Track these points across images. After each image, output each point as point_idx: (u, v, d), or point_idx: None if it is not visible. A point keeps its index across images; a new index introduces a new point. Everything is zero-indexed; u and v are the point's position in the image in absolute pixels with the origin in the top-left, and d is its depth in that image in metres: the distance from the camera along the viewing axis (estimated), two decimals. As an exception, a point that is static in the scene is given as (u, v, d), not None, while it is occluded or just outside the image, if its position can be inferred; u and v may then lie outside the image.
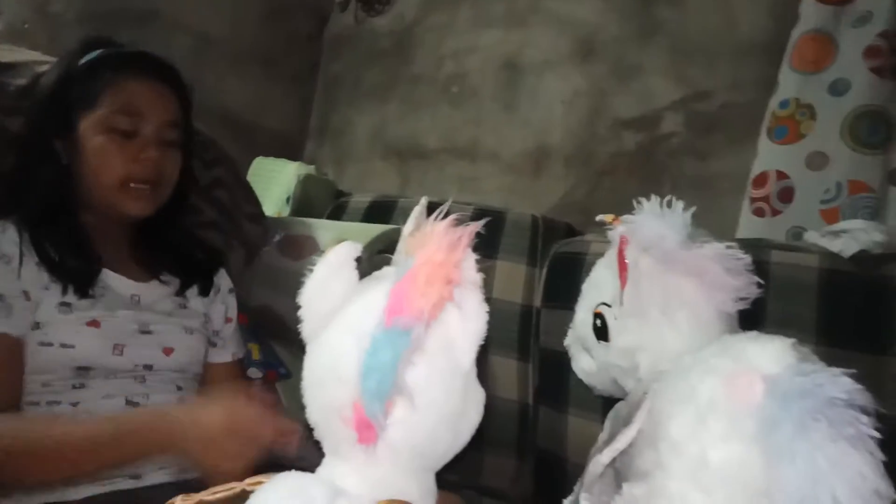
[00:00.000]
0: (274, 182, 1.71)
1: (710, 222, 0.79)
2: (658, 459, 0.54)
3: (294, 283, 0.52)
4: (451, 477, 1.18)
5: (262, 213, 1.41)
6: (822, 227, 1.01)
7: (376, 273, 0.53)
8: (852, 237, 0.95)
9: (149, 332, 0.89)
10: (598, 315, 0.79)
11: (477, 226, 0.48)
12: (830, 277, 0.95)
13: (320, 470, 0.48)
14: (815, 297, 0.96)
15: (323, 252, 0.52)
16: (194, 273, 0.99)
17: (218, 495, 0.43)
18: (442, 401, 0.47)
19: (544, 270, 1.31)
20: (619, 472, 0.59)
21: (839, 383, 0.48)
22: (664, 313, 0.68)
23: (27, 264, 0.83)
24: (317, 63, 2.22)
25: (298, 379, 0.50)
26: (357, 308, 0.48)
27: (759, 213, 1.32)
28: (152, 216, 0.92)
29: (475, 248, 0.48)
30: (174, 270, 0.97)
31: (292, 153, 2.06)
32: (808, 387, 0.49)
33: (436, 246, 0.46)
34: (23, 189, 0.89)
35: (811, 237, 1.00)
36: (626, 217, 0.75)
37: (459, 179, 1.87)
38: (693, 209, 0.74)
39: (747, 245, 1.15)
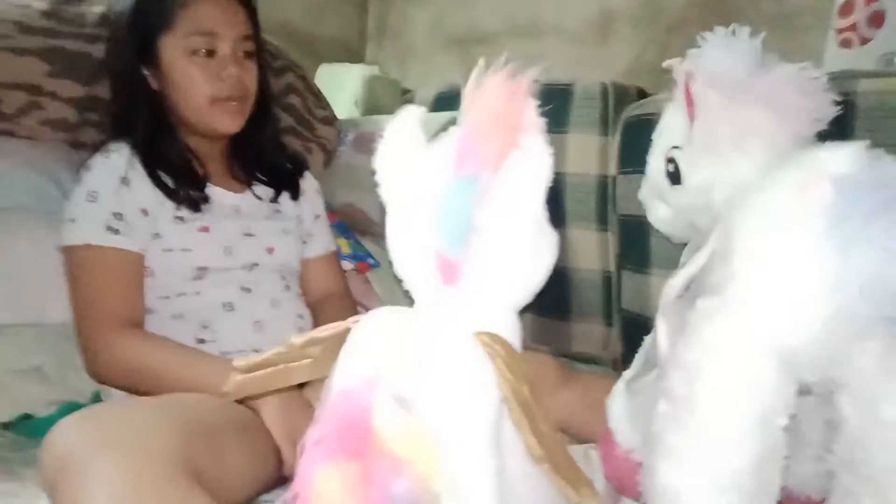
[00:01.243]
0: (340, 87, 1.74)
1: (794, 61, 0.76)
2: (730, 271, 0.56)
3: (372, 179, 0.55)
4: (543, 348, 1.24)
5: (333, 115, 1.45)
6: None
7: (443, 133, 0.55)
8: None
9: (252, 235, 0.98)
10: (669, 160, 0.79)
11: (534, 71, 0.49)
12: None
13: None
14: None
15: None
16: (283, 179, 1.06)
17: (327, 332, 0.48)
18: (515, 240, 0.50)
19: (617, 137, 1.29)
20: (695, 295, 0.61)
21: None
22: (736, 145, 0.67)
23: (143, 184, 0.91)
24: (368, -38, 2.18)
25: (388, 269, 0.55)
26: (427, 163, 0.51)
27: (846, 43, 1.23)
28: (241, 130, 0.97)
29: (545, 126, 0.50)
30: (266, 179, 1.04)
31: (354, 57, 2.06)
32: (878, 181, 0.49)
33: (495, 95, 0.48)
34: (125, 116, 0.95)
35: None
36: (690, 52, 0.73)
37: (524, 59, 1.82)
38: (761, 35, 0.71)
39: (832, 77, 1.09)
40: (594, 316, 1.39)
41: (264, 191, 1.04)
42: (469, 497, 0.41)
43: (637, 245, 1.23)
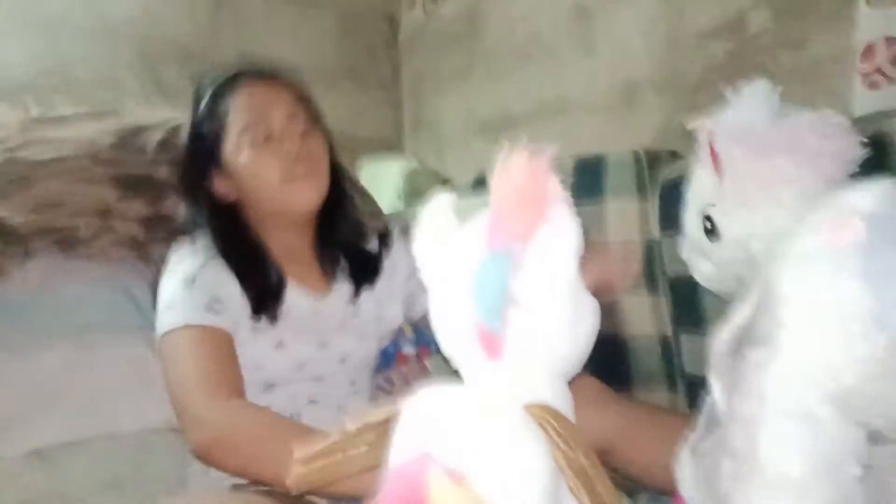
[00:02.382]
0: (382, 182, 1.82)
1: (820, 108, 0.77)
2: (775, 320, 0.56)
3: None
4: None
5: (380, 210, 1.51)
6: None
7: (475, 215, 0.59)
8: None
9: (326, 347, 0.97)
10: (706, 217, 0.80)
11: (552, 149, 0.52)
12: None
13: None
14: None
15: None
16: (367, 268, 1.06)
17: (379, 416, 0.50)
18: (552, 307, 0.52)
19: (656, 200, 1.31)
20: (745, 348, 0.61)
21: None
22: (766, 195, 0.69)
23: (227, 278, 0.92)
24: (398, 64, 2.32)
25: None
26: (461, 243, 0.54)
27: (873, 86, 1.24)
28: (321, 210, 0.97)
29: (581, 196, 0.52)
30: (351, 268, 1.03)
31: (393, 152, 2.16)
32: None
33: (518, 173, 0.51)
34: (202, 235, 0.97)
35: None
36: (711, 111, 0.76)
37: (554, 136, 1.88)
38: (779, 87, 0.73)
39: (864, 119, 1.10)
40: (656, 381, 1.36)
41: (347, 289, 1.03)
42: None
43: (691, 304, 1.22)
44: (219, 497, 0.75)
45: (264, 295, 0.93)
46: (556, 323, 0.53)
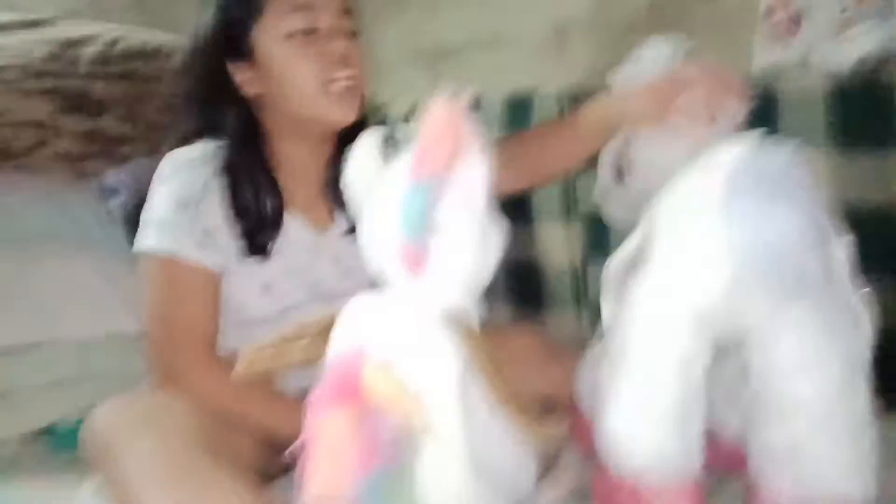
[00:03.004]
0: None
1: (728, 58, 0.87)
2: (653, 246, 0.67)
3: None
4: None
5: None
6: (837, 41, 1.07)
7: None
8: (858, 44, 1.01)
9: (315, 290, 0.89)
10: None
11: (469, 92, 0.60)
12: (836, 89, 1.03)
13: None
14: (823, 112, 1.04)
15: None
16: None
17: (318, 318, 0.59)
18: (466, 231, 0.61)
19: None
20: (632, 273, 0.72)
21: (778, 159, 0.60)
22: (665, 128, 0.80)
23: (218, 206, 0.84)
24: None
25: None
26: (389, 177, 0.63)
27: (775, 39, 1.36)
28: (344, 133, 0.85)
29: (511, 132, 0.58)
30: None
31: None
32: (760, 168, 0.62)
33: (437, 117, 0.59)
34: (210, 129, 0.86)
35: (822, 52, 1.07)
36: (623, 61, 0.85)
37: (487, 70, 1.95)
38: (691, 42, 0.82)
39: (757, 76, 1.22)
40: (566, 308, 1.50)
41: (345, 223, 0.91)
42: (444, 432, 0.52)
43: (601, 238, 1.35)
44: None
45: (260, 226, 0.84)
46: (469, 244, 0.63)
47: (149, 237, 0.82)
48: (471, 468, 0.52)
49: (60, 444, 1.00)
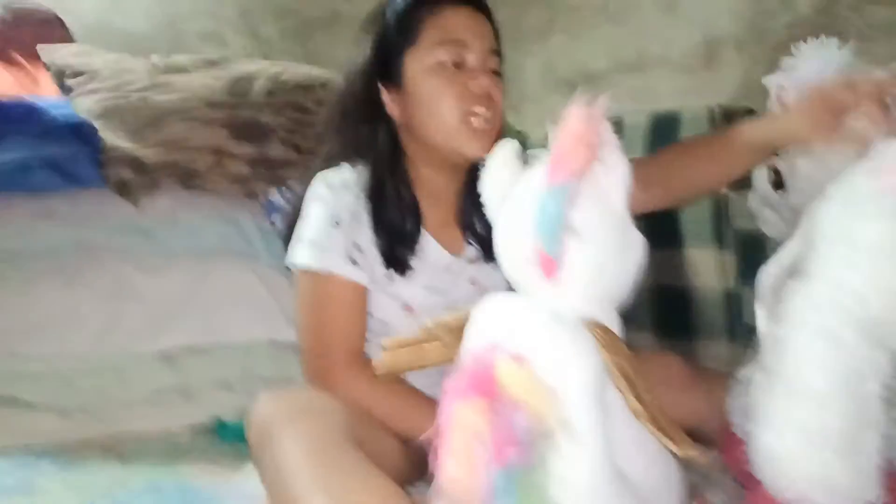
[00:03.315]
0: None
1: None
2: (814, 252, 0.62)
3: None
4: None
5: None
6: None
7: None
8: None
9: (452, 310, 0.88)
10: (771, 169, 0.85)
11: (603, 98, 0.60)
12: None
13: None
14: None
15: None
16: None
17: (454, 316, 0.61)
18: (604, 236, 0.60)
19: (728, 158, 1.34)
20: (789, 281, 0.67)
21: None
22: (830, 146, 0.73)
23: (366, 226, 0.88)
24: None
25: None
26: (525, 182, 0.64)
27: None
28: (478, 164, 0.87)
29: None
30: (483, 235, 0.94)
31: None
32: None
33: (574, 121, 0.59)
34: (357, 150, 0.91)
35: None
36: (783, 62, 0.80)
37: (633, 93, 1.91)
38: (849, 43, 0.76)
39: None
40: (718, 334, 1.41)
41: (475, 253, 0.95)
42: (578, 430, 0.51)
43: (756, 260, 1.26)
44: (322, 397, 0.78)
45: (400, 240, 0.89)
46: (606, 250, 0.61)
47: (302, 253, 0.87)
48: (606, 470, 0.51)
49: (227, 436, 1.11)
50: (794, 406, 0.61)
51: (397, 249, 0.89)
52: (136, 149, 1.20)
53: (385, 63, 0.89)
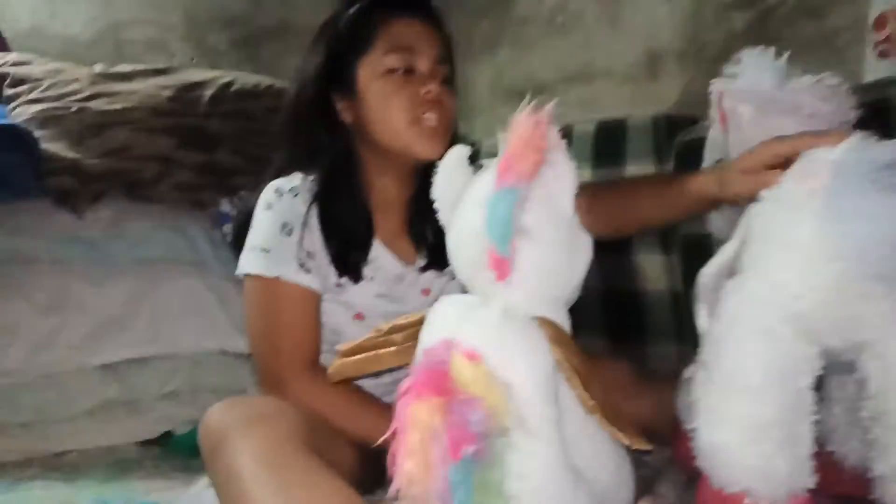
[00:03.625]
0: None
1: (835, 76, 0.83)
2: (749, 253, 0.64)
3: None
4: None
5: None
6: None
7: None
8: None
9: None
10: None
11: (550, 105, 0.62)
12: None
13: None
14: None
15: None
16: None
17: (407, 320, 0.61)
18: (554, 237, 0.62)
19: (671, 163, 1.38)
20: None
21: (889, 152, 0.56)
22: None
23: (316, 234, 0.89)
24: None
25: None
26: (475, 186, 0.65)
27: (883, 55, 1.29)
28: (424, 174, 0.84)
29: (602, 161, 0.57)
30: (434, 245, 0.95)
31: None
32: (868, 163, 0.57)
33: (523, 125, 0.61)
34: (310, 157, 0.92)
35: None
36: (724, 71, 0.83)
37: (579, 103, 1.96)
38: (786, 54, 0.80)
39: (869, 87, 1.15)
40: (666, 336, 1.45)
41: (423, 264, 0.97)
42: (533, 428, 0.52)
43: (701, 263, 1.30)
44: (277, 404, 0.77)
45: (351, 247, 0.90)
46: (556, 251, 0.63)
47: (253, 261, 0.87)
48: (561, 464, 0.52)
49: (176, 448, 1.10)
50: (733, 401, 0.62)
51: (349, 256, 0.90)
52: (78, 158, 1.17)
53: (337, 70, 0.91)
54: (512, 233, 0.59)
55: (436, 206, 0.71)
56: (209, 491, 0.69)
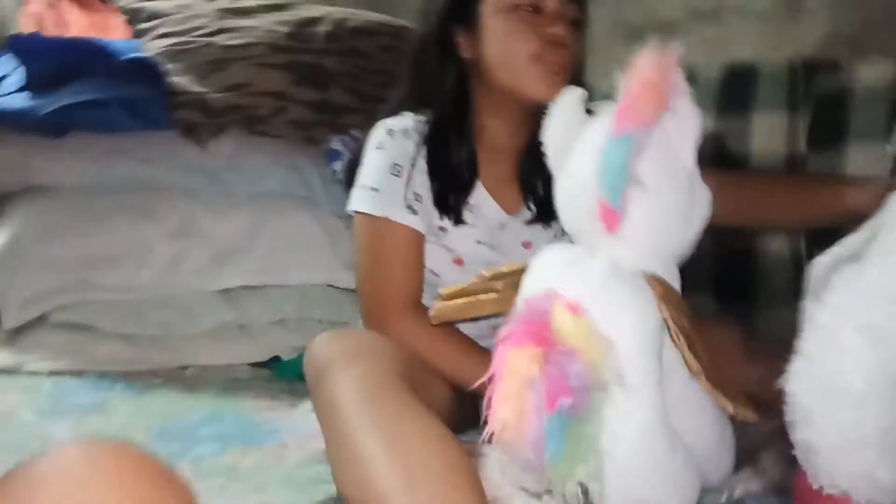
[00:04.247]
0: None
1: None
2: (876, 247, 0.58)
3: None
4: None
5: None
6: None
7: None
8: None
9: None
10: None
11: (678, 46, 0.57)
12: None
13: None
14: None
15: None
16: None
17: (511, 267, 0.61)
18: (669, 190, 0.58)
19: (808, 116, 1.27)
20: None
21: None
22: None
23: (423, 175, 0.89)
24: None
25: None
26: (590, 131, 0.62)
27: None
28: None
29: (727, 109, 0.53)
30: (542, 198, 0.93)
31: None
32: None
33: (645, 66, 0.57)
34: (425, 96, 0.93)
35: None
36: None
37: (707, 44, 1.82)
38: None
39: None
40: (782, 301, 1.37)
41: (529, 217, 0.95)
42: (633, 386, 0.50)
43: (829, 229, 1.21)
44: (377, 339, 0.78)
45: (453, 188, 0.90)
46: (672, 204, 0.60)
47: (361, 199, 0.89)
48: (659, 425, 0.50)
49: (283, 372, 1.16)
50: (835, 405, 0.56)
51: (451, 197, 0.90)
52: (203, 92, 1.22)
53: (462, 4, 0.90)
54: (625, 182, 0.56)
55: (545, 149, 0.69)
56: (312, 415, 0.73)
